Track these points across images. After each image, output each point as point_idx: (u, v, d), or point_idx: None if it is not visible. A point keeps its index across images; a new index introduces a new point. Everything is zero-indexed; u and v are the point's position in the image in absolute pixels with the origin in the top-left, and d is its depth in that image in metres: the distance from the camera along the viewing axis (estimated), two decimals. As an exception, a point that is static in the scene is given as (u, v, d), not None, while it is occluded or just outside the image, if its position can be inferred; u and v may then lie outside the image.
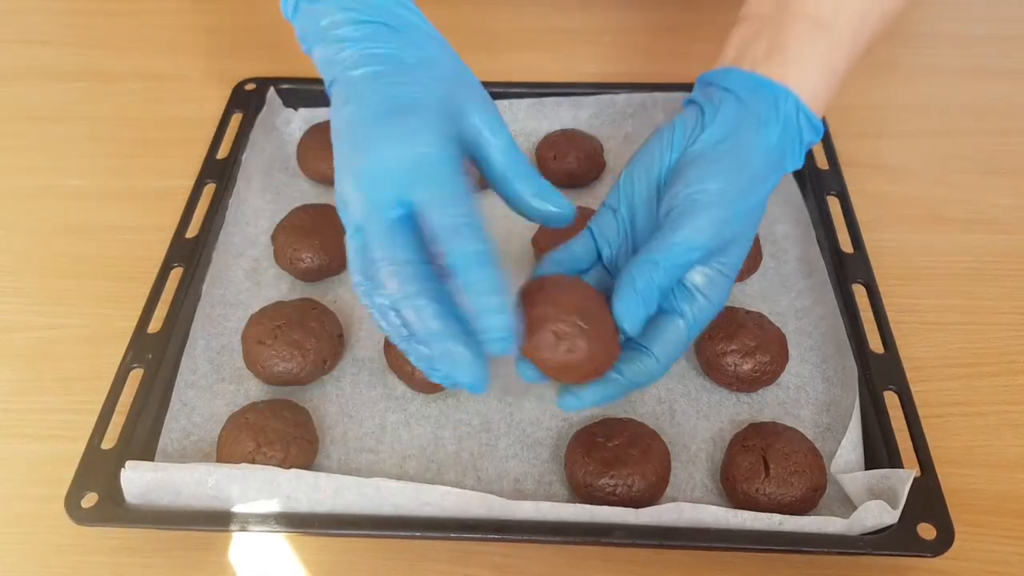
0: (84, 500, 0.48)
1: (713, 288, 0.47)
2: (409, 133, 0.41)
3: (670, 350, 0.47)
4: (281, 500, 0.47)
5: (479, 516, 0.47)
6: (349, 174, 0.42)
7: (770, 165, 0.48)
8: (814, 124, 0.50)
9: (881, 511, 0.46)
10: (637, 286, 0.45)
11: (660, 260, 0.45)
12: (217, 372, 0.58)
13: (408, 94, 0.43)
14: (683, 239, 0.45)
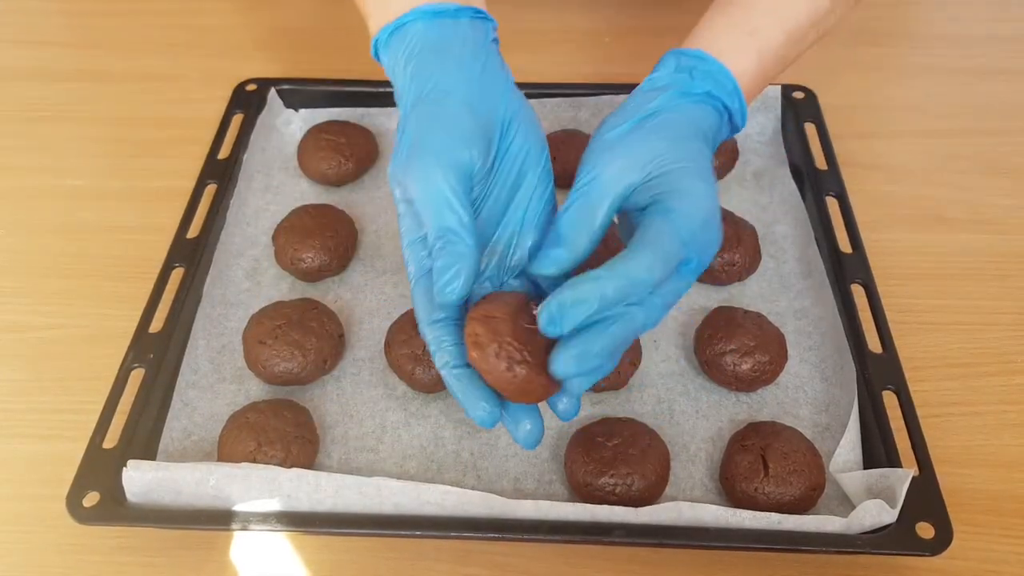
0: (86, 499, 0.48)
1: (670, 194, 0.43)
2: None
3: (646, 248, 0.41)
4: (282, 499, 0.48)
5: (479, 515, 0.48)
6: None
7: (668, 105, 0.47)
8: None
9: (880, 510, 0.47)
10: (556, 230, 0.44)
11: (572, 197, 0.45)
12: (218, 372, 0.58)
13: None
14: (584, 173, 0.45)
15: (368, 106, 0.74)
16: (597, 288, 0.39)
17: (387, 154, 0.73)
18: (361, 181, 0.71)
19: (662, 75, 0.50)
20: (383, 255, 0.66)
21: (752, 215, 0.67)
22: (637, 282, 0.40)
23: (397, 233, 0.66)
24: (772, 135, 0.72)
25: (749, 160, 0.72)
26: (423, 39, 0.49)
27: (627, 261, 0.40)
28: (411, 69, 0.48)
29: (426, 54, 0.48)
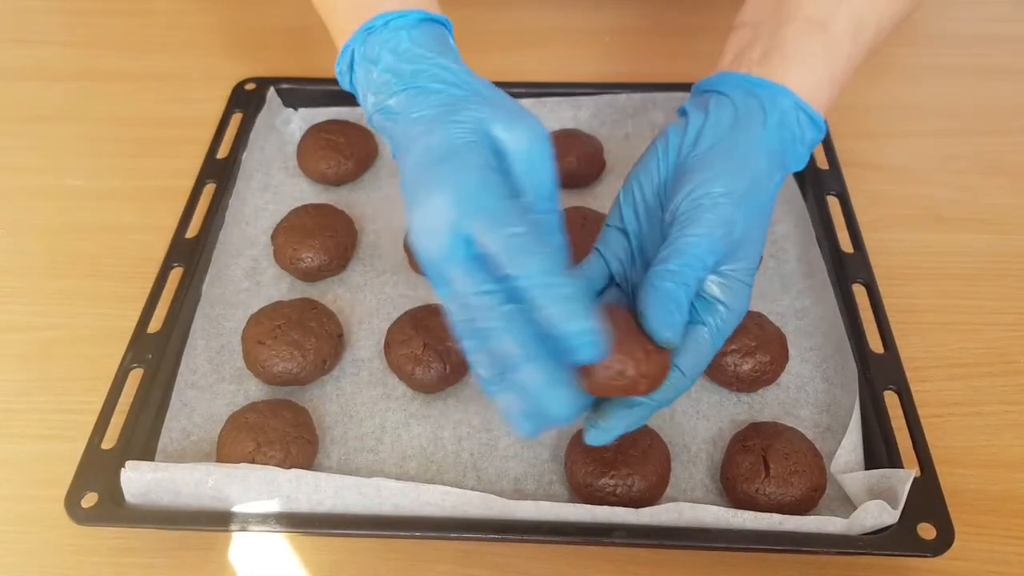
0: (84, 500, 0.48)
1: (732, 295, 0.46)
2: (448, 175, 0.42)
3: (697, 362, 0.46)
4: (281, 500, 0.47)
5: (479, 516, 0.47)
6: (415, 230, 0.42)
7: (772, 164, 0.48)
8: (815, 121, 0.49)
9: (881, 511, 0.46)
10: (662, 293, 0.43)
11: (674, 267, 0.44)
12: (217, 372, 0.58)
13: (441, 142, 0.43)
14: (693, 243, 0.44)
15: (368, 106, 0.74)
16: (644, 414, 0.46)
17: (387, 154, 0.73)
18: (360, 180, 0.71)
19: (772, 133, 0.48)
20: (382, 255, 0.65)
21: (753, 215, 0.67)
22: (677, 397, 0.46)
23: (396, 233, 0.66)
24: (773, 135, 0.72)
25: (750, 160, 0.71)
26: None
27: (677, 386, 0.45)
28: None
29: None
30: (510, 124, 0.45)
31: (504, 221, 0.40)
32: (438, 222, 0.40)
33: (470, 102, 0.46)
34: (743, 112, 0.48)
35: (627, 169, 0.71)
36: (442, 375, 0.55)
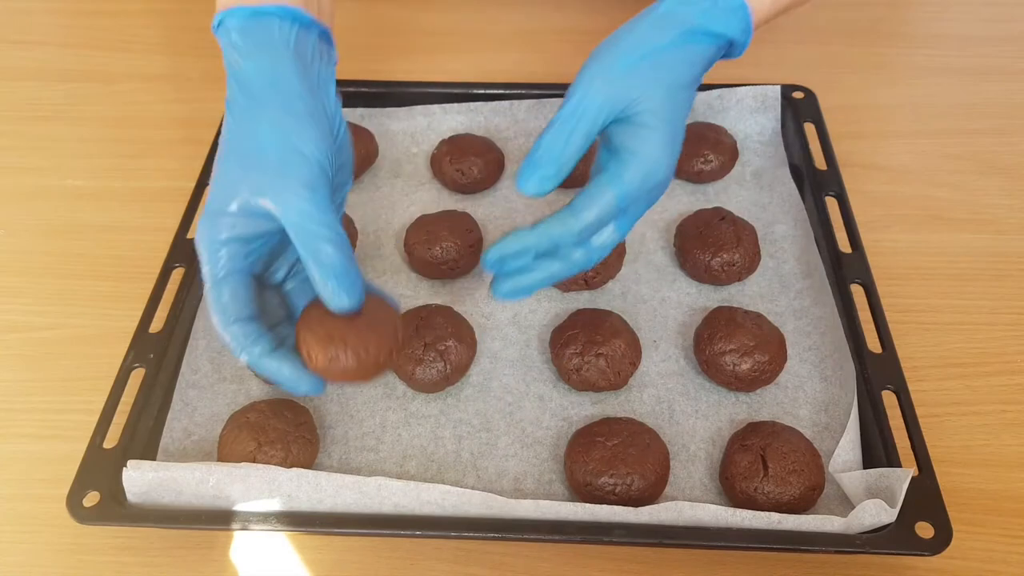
0: (86, 499, 0.48)
1: (635, 140, 0.47)
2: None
3: (586, 203, 0.47)
4: (282, 499, 0.48)
5: (480, 515, 0.48)
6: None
7: (677, 12, 0.49)
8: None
9: (879, 510, 0.47)
10: (535, 153, 0.47)
11: (556, 119, 0.47)
12: (218, 372, 0.58)
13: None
14: (574, 96, 0.47)
15: (368, 106, 0.74)
16: (528, 240, 0.48)
17: (387, 154, 0.73)
18: (360, 181, 0.71)
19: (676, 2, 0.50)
20: (383, 255, 0.66)
21: (752, 215, 0.67)
22: (566, 236, 0.48)
23: (396, 233, 0.67)
24: (772, 135, 0.72)
25: (749, 160, 0.72)
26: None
27: (562, 220, 0.48)
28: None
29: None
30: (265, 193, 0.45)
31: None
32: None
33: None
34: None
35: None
36: (442, 375, 0.55)
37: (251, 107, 0.47)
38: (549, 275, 0.49)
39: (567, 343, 0.57)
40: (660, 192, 0.49)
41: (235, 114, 0.47)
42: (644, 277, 0.64)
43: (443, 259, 0.62)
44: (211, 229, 0.45)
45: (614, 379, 0.56)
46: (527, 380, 0.58)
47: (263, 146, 0.45)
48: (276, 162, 0.45)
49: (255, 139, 0.46)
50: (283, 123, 0.46)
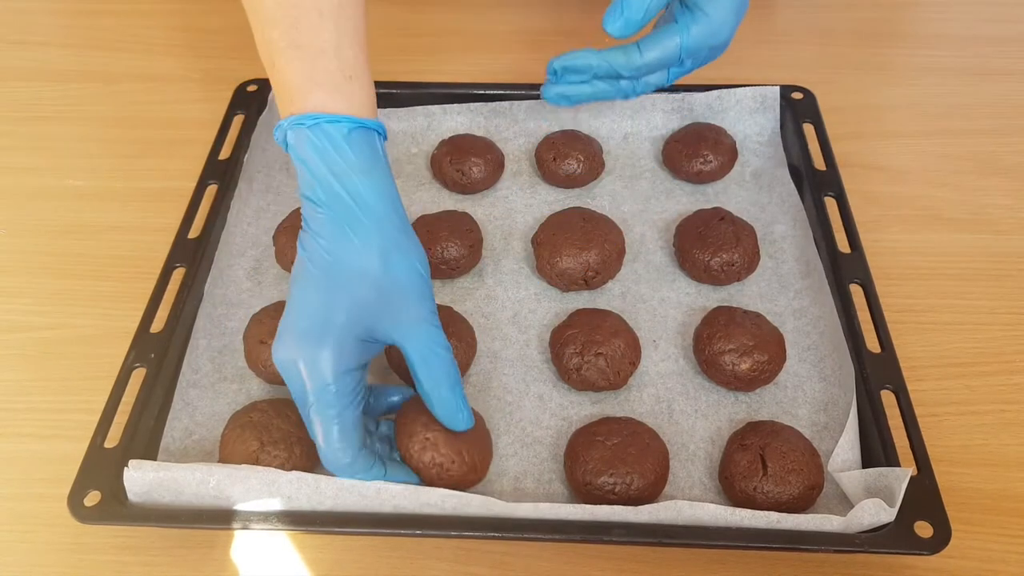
0: (87, 499, 0.48)
1: (709, 2, 0.54)
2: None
3: (652, 44, 0.55)
4: (282, 501, 0.48)
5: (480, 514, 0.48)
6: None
7: None
8: None
9: (878, 509, 0.47)
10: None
11: None
12: (219, 371, 0.58)
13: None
14: None
15: (368, 106, 0.74)
16: (592, 59, 0.57)
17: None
18: (361, 181, 0.71)
19: None
20: (383, 255, 0.66)
21: (751, 215, 0.67)
22: (625, 67, 0.56)
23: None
24: (771, 135, 0.72)
25: (748, 160, 0.72)
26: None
27: (626, 52, 0.56)
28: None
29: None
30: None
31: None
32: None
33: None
34: None
35: (626, 170, 0.73)
36: (442, 375, 0.56)
37: (375, 228, 0.46)
38: (595, 91, 0.59)
39: (567, 343, 0.57)
40: (718, 53, 0.56)
41: (359, 233, 0.45)
42: (644, 277, 0.64)
43: (443, 259, 0.62)
44: (340, 357, 0.44)
45: (614, 379, 0.56)
46: (527, 380, 0.58)
47: (397, 274, 0.45)
48: (406, 291, 0.46)
49: (387, 264, 0.45)
50: (405, 246, 0.47)
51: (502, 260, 0.65)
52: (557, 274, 0.62)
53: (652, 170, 0.72)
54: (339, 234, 0.45)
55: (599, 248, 0.61)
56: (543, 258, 0.62)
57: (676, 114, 0.73)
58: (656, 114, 0.73)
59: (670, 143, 0.71)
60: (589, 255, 0.61)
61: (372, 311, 0.45)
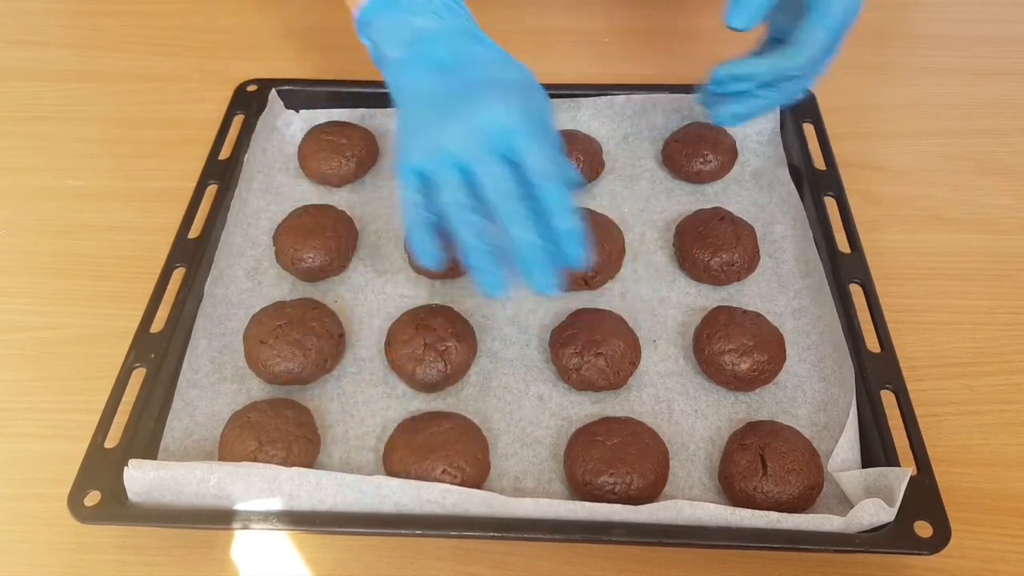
0: (87, 499, 0.48)
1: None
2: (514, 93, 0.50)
3: (805, 38, 0.56)
4: (283, 498, 0.48)
5: (480, 514, 0.48)
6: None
7: None
8: None
9: (878, 509, 0.47)
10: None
11: None
12: (219, 371, 0.58)
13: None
14: None
15: (369, 107, 0.75)
16: (757, 67, 0.58)
17: (388, 154, 0.73)
18: (361, 182, 0.71)
19: None
20: (383, 255, 0.66)
21: (751, 215, 0.67)
22: (791, 68, 0.57)
23: (397, 233, 0.67)
24: (771, 135, 0.72)
25: (748, 160, 0.72)
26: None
27: (786, 55, 0.56)
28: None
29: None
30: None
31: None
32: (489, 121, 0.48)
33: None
34: None
35: (626, 170, 0.73)
36: (443, 374, 0.56)
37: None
38: (767, 103, 0.59)
39: (566, 343, 0.57)
40: (855, 17, 0.57)
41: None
42: (643, 277, 0.64)
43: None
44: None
45: (613, 379, 0.56)
46: (527, 380, 0.58)
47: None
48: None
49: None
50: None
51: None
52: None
53: (652, 170, 0.72)
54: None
55: (600, 248, 0.61)
56: (543, 258, 0.62)
57: (676, 114, 0.73)
58: (657, 115, 0.73)
59: (670, 143, 0.71)
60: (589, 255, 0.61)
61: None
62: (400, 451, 0.51)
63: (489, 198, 0.48)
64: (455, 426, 0.53)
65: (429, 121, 0.50)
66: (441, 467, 0.50)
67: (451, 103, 0.49)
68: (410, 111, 0.53)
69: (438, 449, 0.51)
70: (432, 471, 0.50)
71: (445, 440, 0.51)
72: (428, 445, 0.51)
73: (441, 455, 0.50)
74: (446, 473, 0.50)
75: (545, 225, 0.48)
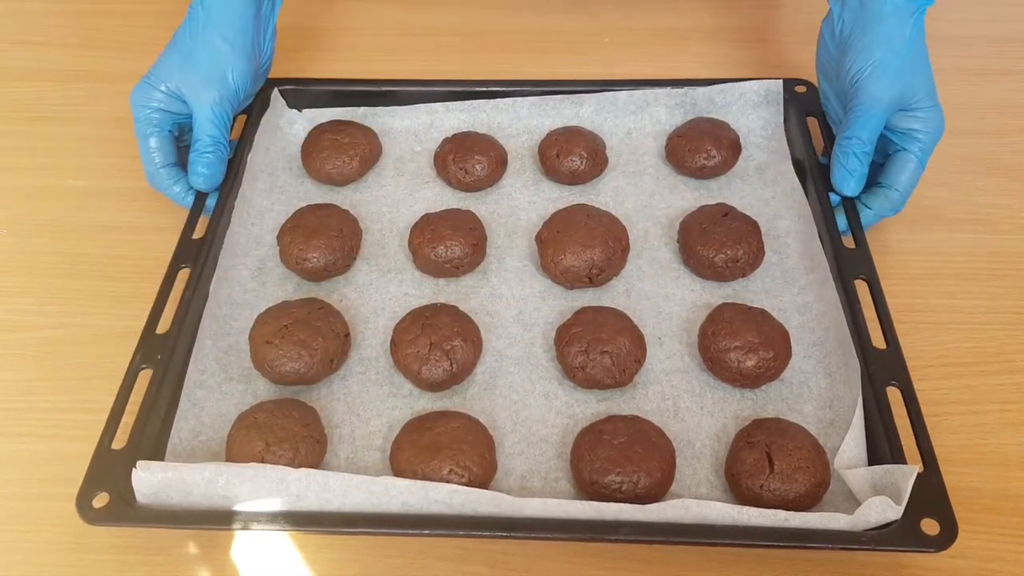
0: (95, 500, 0.48)
1: (923, 120, 0.62)
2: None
3: (906, 179, 0.63)
4: (290, 499, 0.48)
5: (487, 514, 0.48)
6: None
7: (899, 13, 0.62)
8: None
9: (884, 507, 0.47)
10: (841, 160, 0.63)
11: (851, 131, 0.62)
12: (225, 372, 0.58)
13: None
14: (863, 108, 0.62)
15: (371, 105, 0.75)
16: (865, 218, 0.64)
17: (391, 152, 0.73)
18: (364, 180, 0.71)
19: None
20: (387, 254, 0.66)
21: (755, 210, 0.67)
22: (890, 210, 0.65)
23: (401, 232, 0.67)
24: (774, 129, 0.72)
25: (752, 155, 0.72)
26: None
27: (887, 197, 0.64)
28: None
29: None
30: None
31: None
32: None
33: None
34: None
35: (629, 166, 0.73)
36: (448, 373, 0.56)
37: (207, 27, 0.66)
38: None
39: (571, 341, 0.57)
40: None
41: (193, 25, 0.66)
42: (648, 274, 0.64)
43: (447, 258, 0.62)
44: (145, 96, 0.65)
45: (619, 376, 0.56)
46: (532, 378, 0.58)
47: (201, 60, 0.65)
48: (206, 76, 0.65)
49: (201, 51, 0.65)
50: (223, 50, 0.65)
51: (506, 258, 0.66)
52: (561, 272, 0.62)
53: (655, 166, 0.72)
54: (189, 20, 0.68)
55: (603, 245, 0.61)
56: (547, 256, 0.62)
57: (679, 109, 0.73)
58: (659, 109, 0.73)
59: (673, 138, 0.71)
60: (593, 252, 0.61)
61: (177, 78, 0.66)
62: (407, 451, 0.51)
63: None
64: (461, 425, 0.53)
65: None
66: (448, 467, 0.50)
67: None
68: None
69: (445, 449, 0.51)
70: (439, 471, 0.50)
71: (452, 440, 0.51)
72: (435, 445, 0.51)
73: (448, 455, 0.50)
74: (453, 472, 0.50)
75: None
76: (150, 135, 0.65)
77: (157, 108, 0.65)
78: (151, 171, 0.65)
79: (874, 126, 0.62)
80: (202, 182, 0.65)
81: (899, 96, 0.62)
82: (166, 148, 0.65)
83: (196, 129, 0.65)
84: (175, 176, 0.66)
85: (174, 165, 0.66)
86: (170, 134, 0.66)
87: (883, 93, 0.62)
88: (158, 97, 0.65)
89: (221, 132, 0.65)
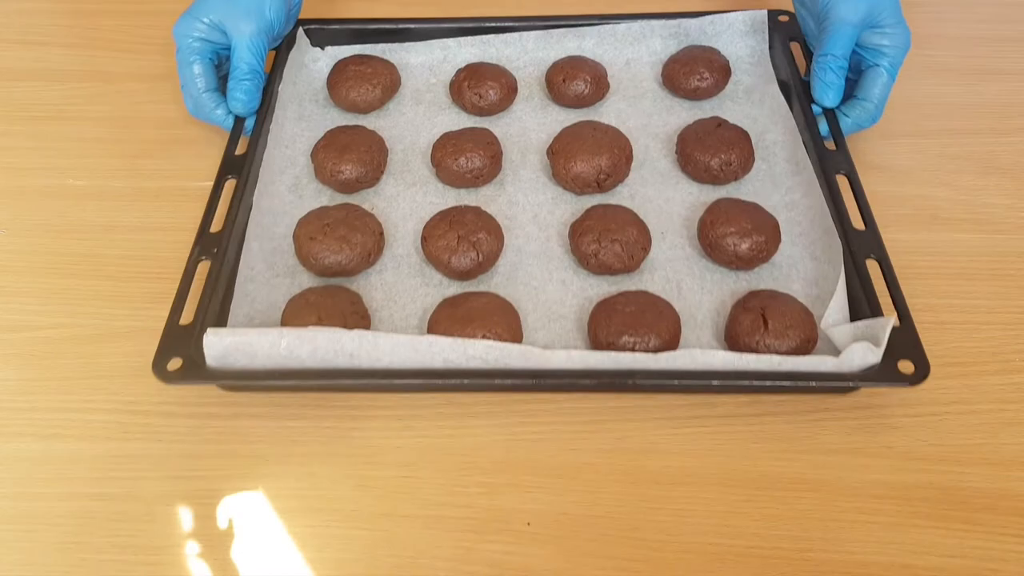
0: (170, 364, 0.53)
1: (890, 36, 0.68)
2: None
3: (879, 91, 0.69)
4: (345, 358, 0.54)
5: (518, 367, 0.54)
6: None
7: None
8: None
9: (866, 351, 0.53)
10: (819, 75, 0.70)
11: (826, 48, 0.69)
12: (271, 269, 0.64)
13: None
14: (834, 27, 0.69)
15: (388, 42, 0.80)
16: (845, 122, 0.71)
17: (408, 84, 0.79)
18: (386, 108, 0.77)
19: None
20: (412, 170, 0.72)
21: (745, 126, 0.73)
22: (868, 120, 0.71)
23: (424, 151, 0.73)
24: (761, 56, 0.78)
25: (740, 79, 0.78)
26: None
27: (862, 108, 0.70)
28: None
29: None
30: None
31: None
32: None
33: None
34: None
35: (629, 91, 0.78)
36: (475, 262, 0.62)
37: None
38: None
39: (585, 232, 0.63)
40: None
41: None
42: (650, 181, 0.70)
43: (468, 168, 0.68)
44: (188, 27, 0.71)
45: (628, 262, 0.62)
46: (549, 268, 0.64)
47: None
48: (245, 9, 0.71)
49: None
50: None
51: (520, 171, 0.72)
52: (572, 178, 0.68)
53: (653, 90, 0.78)
54: None
55: (609, 153, 0.68)
56: (559, 165, 0.68)
57: (673, 39, 0.80)
58: (655, 40, 0.80)
59: (669, 64, 0.77)
60: (601, 159, 0.67)
61: (219, 11, 0.72)
62: (444, 323, 0.57)
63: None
64: (490, 302, 0.59)
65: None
66: (481, 333, 0.56)
67: None
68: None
69: (477, 319, 0.57)
70: (474, 336, 0.56)
71: (483, 312, 0.57)
72: (468, 316, 0.57)
73: (480, 324, 0.56)
74: (486, 338, 0.56)
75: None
76: (193, 62, 0.70)
77: (199, 38, 0.70)
78: (195, 96, 0.71)
79: (845, 43, 0.69)
80: (240, 107, 0.70)
81: (866, 14, 0.69)
82: (208, 74, 0.71)
83: (234, 58, 0.71)
84: (217, 100, 0.71)
85: (216, 90, 0.72)
86: (211, 62, 0.72)
87: (850, 14, 0.69)
88: (200, 28, 0.70)
89: (258, 61, 0.71)
